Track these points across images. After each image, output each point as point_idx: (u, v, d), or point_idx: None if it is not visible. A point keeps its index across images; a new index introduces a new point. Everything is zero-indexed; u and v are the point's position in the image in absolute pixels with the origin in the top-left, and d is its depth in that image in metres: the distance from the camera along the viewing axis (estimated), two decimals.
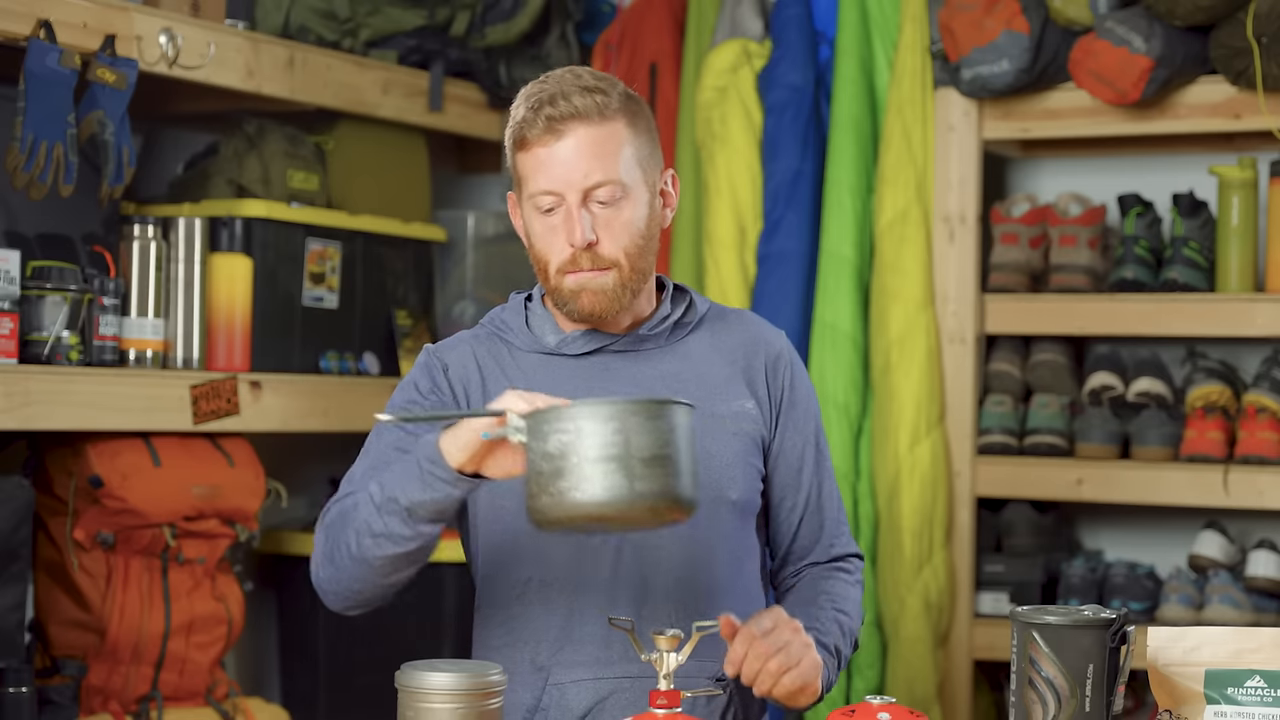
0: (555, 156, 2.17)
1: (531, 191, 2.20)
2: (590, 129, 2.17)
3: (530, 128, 2.18)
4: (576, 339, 2.26)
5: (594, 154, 2.17)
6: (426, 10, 3.84)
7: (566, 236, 2.18)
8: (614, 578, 2.21)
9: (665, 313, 2.29)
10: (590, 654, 2.20)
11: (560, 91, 2.18)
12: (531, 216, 2.22)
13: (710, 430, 2.23)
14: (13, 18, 2.94)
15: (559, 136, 2.17)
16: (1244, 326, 3.65)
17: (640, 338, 2.27)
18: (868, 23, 3.86)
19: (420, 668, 1.92)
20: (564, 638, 2.21)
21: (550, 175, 2.17)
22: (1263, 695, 1.94)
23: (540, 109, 2.18)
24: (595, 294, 2.19)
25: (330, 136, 3.74)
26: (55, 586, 3.22)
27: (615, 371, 2.25)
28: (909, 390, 3.74)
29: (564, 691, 2.20)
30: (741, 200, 3.86)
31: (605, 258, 2.19)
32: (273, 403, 3.45)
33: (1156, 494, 3.72)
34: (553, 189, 2.18)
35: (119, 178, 3.10)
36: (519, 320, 2.31)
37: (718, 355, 2.31)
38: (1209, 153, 3.89)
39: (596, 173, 2.17)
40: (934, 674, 3.72)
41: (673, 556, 2.21)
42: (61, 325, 3.07)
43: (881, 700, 1.94)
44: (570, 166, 2.17)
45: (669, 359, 2.28)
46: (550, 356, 2.27)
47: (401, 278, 3.86)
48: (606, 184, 2.18)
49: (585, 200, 2.18)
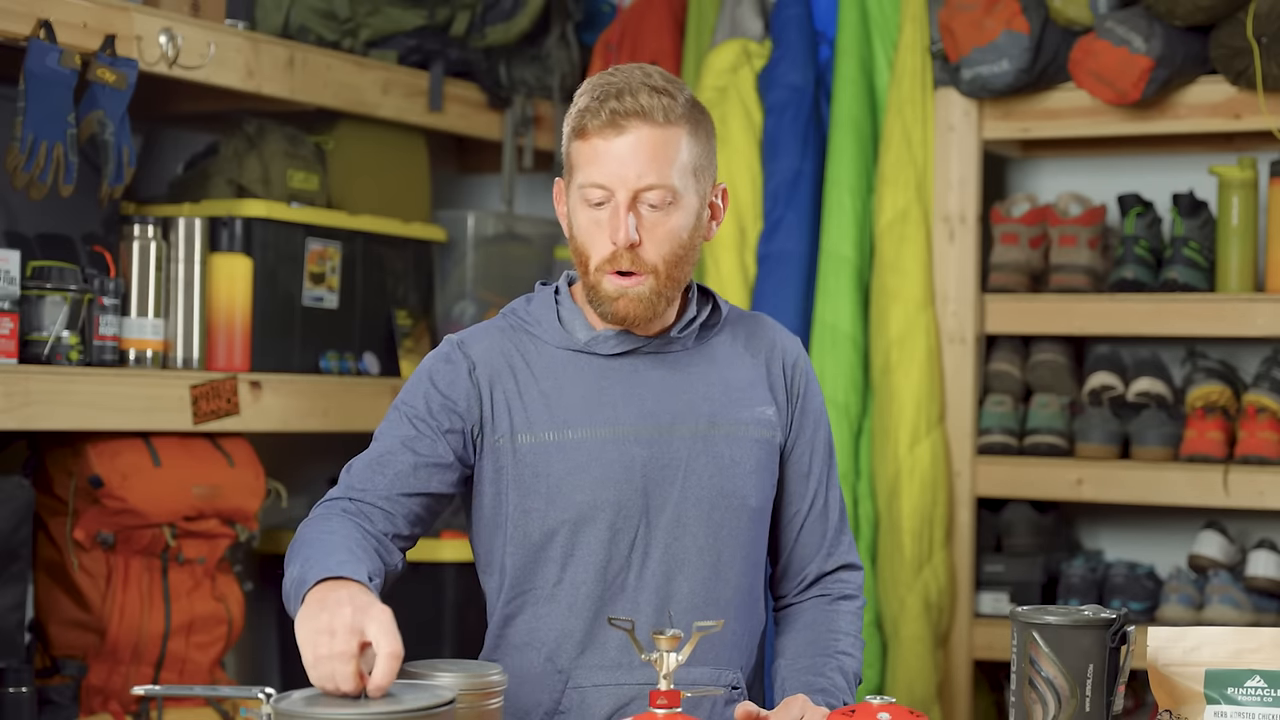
0: (612, 151, 2.15)
1: (582, 182, 2.18)
2: (651, 130, 2.16)
3: (592, 117, 2.16)
4: (608, 338, 2.24)
5: (650, 155, 2.15)
6: (426, 10, 3.84)
7: (610, 234, 2.17)
8: (639, 584, 2.21)
9: (692, 315, 2.28)
10: (613, 659, 2.20)
11: (628, 87, 2.16)
12: (578, 207, 2.20)
13: (734, 437, 2.26)
14: (13, 18, 2.94)
15: (619, 132, 2.15)
16: (1244, 326, 3.65)
17: (669, 340, 2.26)
18: (868, 23, 3.86)
19: (420, 667, 1.92)
20: (587, 641, 2.21)
21: (604, 169, 2.16)
22: (1263, 695, 1.94)
23: (605, 100, 2.16)
24: (631, 301, 2.18)
25: (330, 136, 3.73)
26: (55, 586, 3.22)
27: (643, 374, 2.25)
28: (909, 390, 3.74)
29: (584, 695, 2.20)
30: (741, 200, 3.86)
31: (645, 261, 2.17)
32: (273, 403, 3.45)
33: (1156, 494, 3.72)
34: (604, 183, 2.16)
35: (119, 178, 3.10)
36: (549, 314, 2.27)
37: (741, 358, 2.32)
38: (1209, 153, 3.89)
39: (650, 175, 2.15)
40: (934, 674, 3.72)
41: (696, 563, 2.23)
42: (61, 325, 3.07)
43: (881, 700, 1.94)
44: (625, 164, 2.15)
45: (696, 362, 2.28)
46: (578, 354, 2.25)
47: (401, 278, 3.86)
48: (658, 188, 2.16)
49: (634, 201, 2.16)
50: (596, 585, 2.20)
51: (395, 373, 3.77)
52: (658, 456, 2.21)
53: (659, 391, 2.24)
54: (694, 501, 2.22)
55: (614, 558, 2.20)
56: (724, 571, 2.24)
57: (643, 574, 2.21)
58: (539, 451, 2.20)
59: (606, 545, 2.20)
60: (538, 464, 2.20)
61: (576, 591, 2.20)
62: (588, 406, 2.21)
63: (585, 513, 2.19)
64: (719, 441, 2.24)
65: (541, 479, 2.20)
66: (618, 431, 2.21)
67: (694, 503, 2.22)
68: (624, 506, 2.20)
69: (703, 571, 2.22)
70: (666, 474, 2.21)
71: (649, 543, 2.20)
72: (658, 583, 2.21)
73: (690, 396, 2.25)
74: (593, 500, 2.19)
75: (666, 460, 2.21)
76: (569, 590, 2.21)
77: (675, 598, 2.21)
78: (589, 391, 2.21)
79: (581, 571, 2.20)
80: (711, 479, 2.23)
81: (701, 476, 2.23)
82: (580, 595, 2.20)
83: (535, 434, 2.20)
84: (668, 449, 2.22)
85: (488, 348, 2.25)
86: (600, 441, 2.20)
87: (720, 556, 2.23)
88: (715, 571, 2.23)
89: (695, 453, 2.23)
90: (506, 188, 4.16)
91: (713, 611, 2.22)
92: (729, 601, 2.24)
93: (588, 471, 2.19)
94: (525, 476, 2.21)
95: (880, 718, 1.91)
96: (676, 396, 2.24)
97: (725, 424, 2.25)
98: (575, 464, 2.19)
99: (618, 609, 2.20)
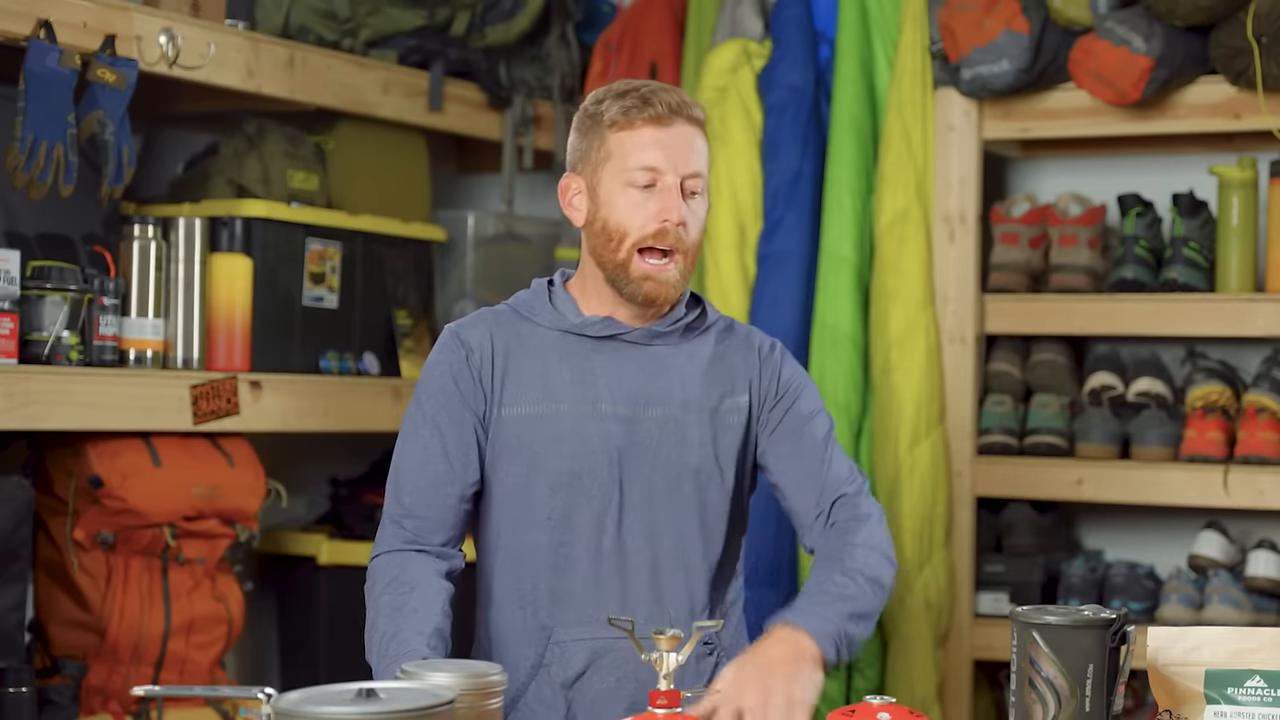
0: (668, 138, 2.37)
1: (631, 166, 2.37)
2: (690, 126, 2.40)
3: (640, 110, 2.37)
4: (596, 323, 2.43)
5: (694, 148, 2.39)
6: (426, 10, 3.84)
7: (663, 213, 2.36)
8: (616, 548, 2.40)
9: (679, 315, 2.47)
10: (589, 615, 2.38)
11: (660, 89, 2.39)
12: (619, 191, 2.38)
13: (705, 421, 2.44)
14: (13, 18, 2.94)
15: (670, 123, 2.38)
16: (1244, 326, 3.65)
17: (653, 333, 2.44)
18: (868, 23, 3.86)
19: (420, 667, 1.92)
20: (565, 598, 2.39)
21: (658, 154, 2.36)
22: (1263, 695, 1.94)
23: (653, 96, 2.37)
24: (660, 284, 2.38)
25: (330, 136, 3.73)
26: (55, 586, 3.22)
27: (626, 359, 2.43)
28: (909, 390, 3.74)
29: (565, 649, 2.39)
30: (741, 200, 3.86)
31: (685, 241, 2.39)
32: (273, 403, 3.45)
33: (1156, 494, 3.72)
34: (659, 166, 2.36)
35: (119, 178, 3.10)
36: (543, 300, 2.48)
37: (720, 357, 2.49)
38: (1209, 153, 3.89)
39: (696, 163, 2.39)
40: (934, 674, 3.73)
41: (666, 532, 2.42)
42: (61, 325, 3.07)
43: (881, 700, 1.94)
44: (679, 150, 2.37)
45: (676, 356, 2.47)
46: (568, 335, 2.43)
47: (401, 278, 3.86)
48: (699, 176, 2.40)
49: (681, 185, 2.38)
50: (574, 548, 2.39)
51: (395, 373, 3.77)
52: (632, 433, 2.40)
53: (639, 376, 2.42)
54: (663, 476, 2.41)
55: (590, 523, 2.39)
56: (693, 537, 2.43)
57: (619, 540, 2.39)
58: (525, 422, 2.40)
59: (583, 511, 2.39)
60: (522, 433, 2.40)
61: (556, 553, 2.39)
62: (573, 383, 2.41)
63: (564, 480, 2.39)
64: (691, 424, 2.43)
65: (525, 447, 2.40)
66: (598, 409, 2.40)
67: (663, 477, 2.41)
68: (599, 476, 2.39)
69: (672, 540, 2.42)
70: (640, 450, 2.40)
71: (622, 511, 2.40)
72: (633, 548, 2.40)
73: (667, 382, 2.43)
74: (571, 469, 2.39)
75: (640, 438, 2.40)
76: (548, 553, 2.39)
77: (649, 563, 2.40)
78: (575, 370, 2.41)
79: (560, 534, 2.39)
80: (681, 457, 2.42)
81: (671, 454, 2.41)
82: (560, 556, 2.39)
83: (523, 406, 2.40)
84: (641, 428, 2.41)
85: (483, 332, 2.45)
86: (581, 416, 2.40)
87: (690, 527, 2.43)
88: (685, 538, 2.42)
89: (666, 433, 2.42)
90: (506, 188, 4.16)
91: (684, 577, 2.41)
92: (698, 569, 2.43)
93: (568, 442, 2.39)
94: (510, 445, 2.40)
95: (880, 718, 1.91)
96: (654, 381, 2.43)
97: (697, 409, 2.44)
98: (556, 434, 2.39)
99: (596, 571, 2.39)
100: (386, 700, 1.68)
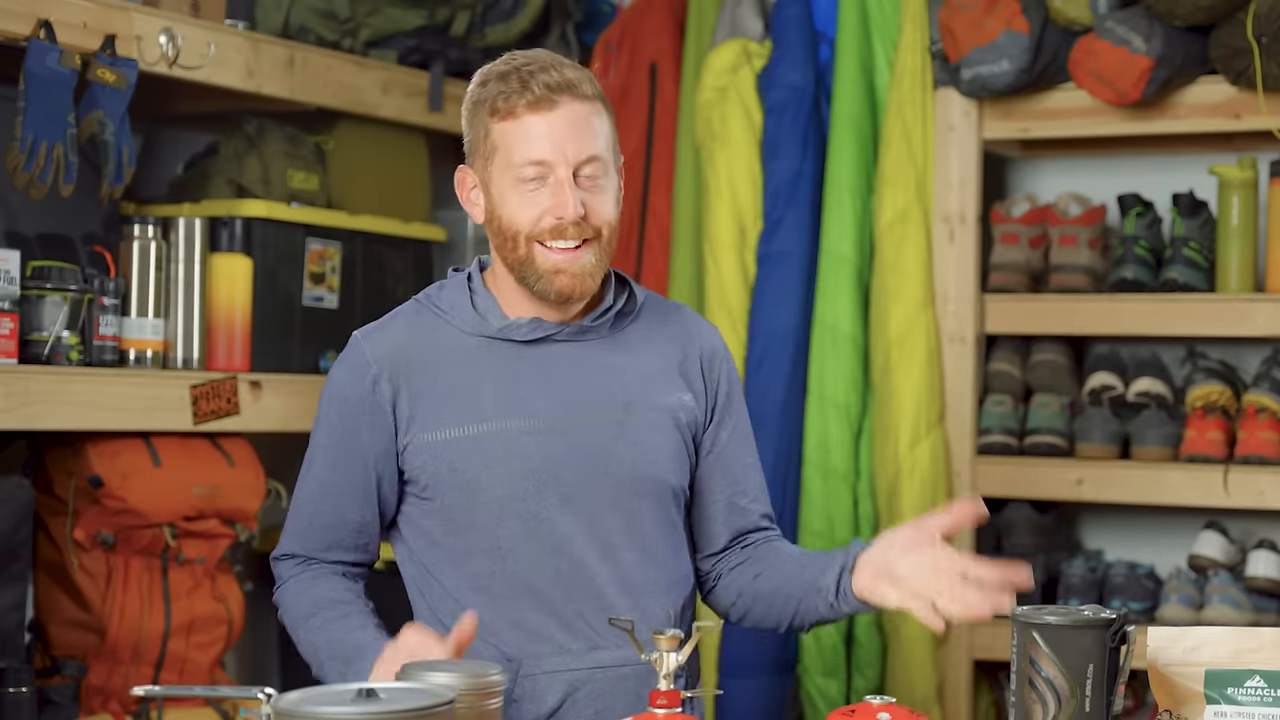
0: (554, 124, 2.15)
1: (518, 161, 2.16)
2: (580, 104, 2.17)
3: (518, 96, 2.15)
4: (521, 326, 2.23)
5: (584, 129, 2.16)
6: (426, 10, 3.84)
7: (556, 209, 2.16)
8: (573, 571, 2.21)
9: (608, 304, 2.28)
10: (559, 644, 2.21)
11: (549, 63, 2.17)
12: (507, 187, 2.18)
13: (654, 422, 2.26)
14: (13, 18, 2.94)
15: (553, 107, 2.15)
16: (1244, 326, 3.65)
17: (584, 329, 2.25)
18: (868, 23, 3.86)
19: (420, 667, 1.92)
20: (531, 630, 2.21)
21: (544, 146, 2.15)
22: (1263, 695, 1.94)
23: (532, 78, 2.15)
24: (574, 276, 2.18)
25: (330, 136, 3.73)
26: (55, 586, 3.22)
27: (558, 362, 2.23)
28: (909, 390, 3.74)
29: (535, 682, 2.21)
30: (741, 200, 3.86)
31: (591, 225, 2.17)
32: (273, 403, 3.45)
33: (1156, 494, 3.72)
34: (545, 158, 2.15)
35: (119, 178, 3.10)
36: (463, 300, 2.26)
37: (656, 347, 2.31)
38: (1209, 153, 3.89)
39: (588, 147, 2.17)
40: (934, 674, 3.72)
41: (624, 545, 2.23)
42: (61, 325, 3.07)
43: (881, 700, 1.94)
44: (563, 139, 2.15)
45: (611, 350, 2.27)
46: (493, 341, 2.23)
47: (401, 278, 3.86)
48: (595, 160, 2.18)
49: (575, 175, 2.17)
50: (529, 575, 2.20)
51: None
52: (575, 445, 2.21)
53: (574, 379, 2.23)
54: (614, 486, 2.22)
55: (542, 547, 2.20)
56: (652, 553, 2.25)
57: (576, 561, 2.21)
58: (452, 447, 2.20)
59: (533, 535, 2.20)
60: (454, 459, 2.19)
61: (510, 582, 2.20)
62: (501, 397, 2.20)
63: (506, 506, 2.19)
64: (635, 427, 2.24)
65: (458, 474, 2.19)
66: (533, 423, 2.20)
67: (614, 487, 2.22)
68: (545, 497, 2.19)
69: (631, 554, 2.23)
70: (586, 461, 2.21)
71: (574, 531, 2.20)
72: (590, 568, 2.21)
73: (606, 383, 2.24)
74: (512, 493, 2.19)
75: (585, 448, 2.21)
76: (502, 582, 2.21)
77: (608, 581, 2.22)
78: (502, 381, 2.20)
79: (512, 563, 2.20)
80: (632, 464, 2.23)
81: (622, 462, 2.22)
82: (514, 585, 2.20)
83: (449, 429, 2.20)
84: (585, 437, 2.21)
85: (394, 345, 2.25)
86: (515, 433, 2.19)
87: (647, 539, 2.24)
88: (644, 554, 2.24)
89: (612, 439, 2.22)
90: None
91: (645, 594, 2.23)
92: (657, 582, 2.25)
93: (504, 465, 2.19)
94: (442, 472, 2.20)
95: (880, 718, 1.91)
96: (591, 383, 2.23)
97: (640, 409, 2.25)
98: (492, 457, 2.19)
99: (554, 596, 2.20)
100: (386, 700, 1.68)
